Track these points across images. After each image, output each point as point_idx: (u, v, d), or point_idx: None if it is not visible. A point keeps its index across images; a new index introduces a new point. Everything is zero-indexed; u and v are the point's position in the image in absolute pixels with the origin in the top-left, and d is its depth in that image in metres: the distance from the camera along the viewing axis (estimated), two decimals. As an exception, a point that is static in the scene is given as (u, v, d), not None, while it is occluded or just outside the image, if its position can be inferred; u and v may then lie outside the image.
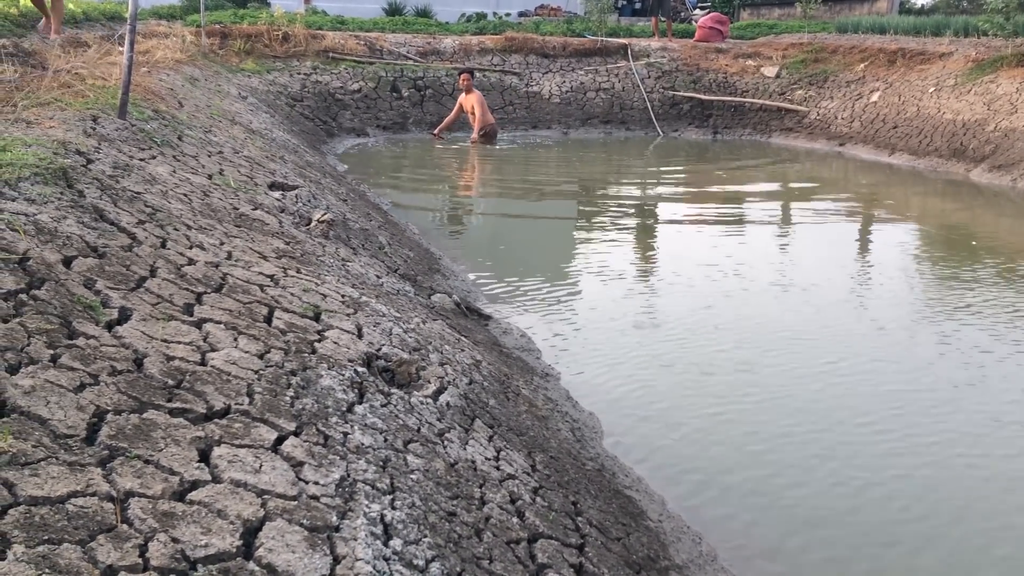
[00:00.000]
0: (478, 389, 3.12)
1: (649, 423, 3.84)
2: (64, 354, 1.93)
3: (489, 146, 11.75)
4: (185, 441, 1.81)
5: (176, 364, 2.12)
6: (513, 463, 2.63)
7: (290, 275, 3.23)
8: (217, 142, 5.62)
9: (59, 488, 1.52)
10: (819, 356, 4.62)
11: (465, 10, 19.92)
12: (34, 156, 3.07)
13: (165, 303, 2.46)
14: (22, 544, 1.36)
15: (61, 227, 2.57)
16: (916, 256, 7.20)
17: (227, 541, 1.55)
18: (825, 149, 12.54)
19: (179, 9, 15.93)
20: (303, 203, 4.96)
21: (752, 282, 5.93)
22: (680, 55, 15.05)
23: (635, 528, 2.79)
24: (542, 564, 2.12)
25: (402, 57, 13.79)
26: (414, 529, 1.87)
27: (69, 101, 4.48)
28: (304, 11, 16.76)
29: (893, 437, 3.75)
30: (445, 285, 5.24)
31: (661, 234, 7.90)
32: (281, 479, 1.81)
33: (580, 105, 14.05)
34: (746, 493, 3.29)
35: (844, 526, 3.09)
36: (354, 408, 2.33)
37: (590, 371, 4.35)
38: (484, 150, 11.66)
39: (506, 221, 8.34)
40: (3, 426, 1.60)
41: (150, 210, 3.22)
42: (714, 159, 12.02)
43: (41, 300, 2.10)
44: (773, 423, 3.85)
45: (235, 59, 12.16)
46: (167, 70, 7.88)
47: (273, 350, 2.44)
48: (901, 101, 12.28)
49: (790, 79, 14.26)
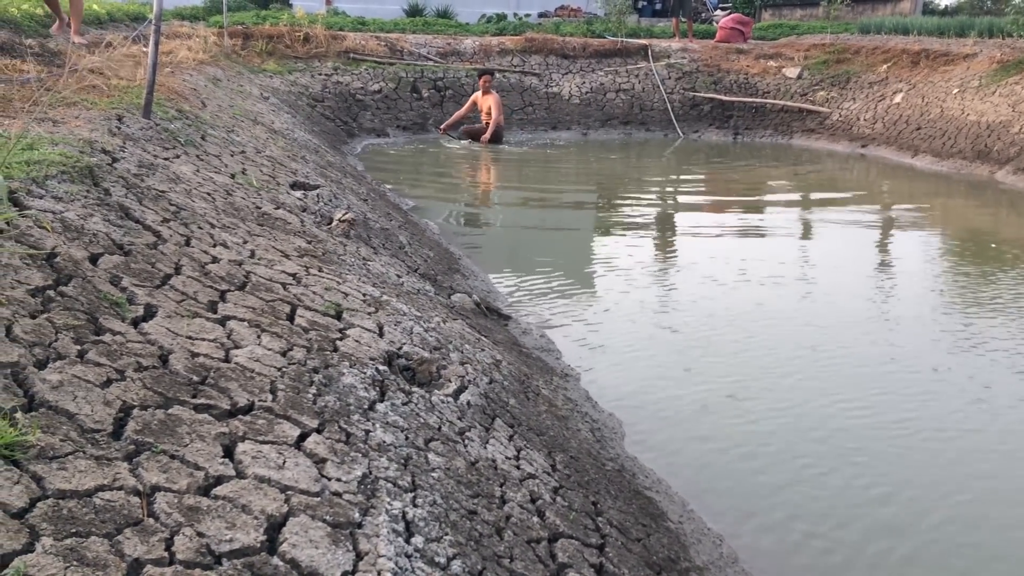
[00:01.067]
0: (498, 388, 3.13)
1: (669, 424, 3.82)
2: (91, 350, 1.95)
3: (498, 146, 11.74)
4: (210, 437, 1.82)
5: (201, 360, 2.14)
6: (533, 462, 2.63)
7: (312, 274, 3.25)
8: (240, 142, 5.66)
9: (86, 482, 1.53)
10: (843, 360, 4.59)
11: (485, 11, 19.95)
12: (61, 155, 3.10)
13: (190, 300, 2.48)
14: (50, 537, 1.38)
15: (88, 225, 2.60)
16: (947, 260, 7.14)
17: (251, 536, 1.57)
18: (847, 151, 12.45)
19: (202, 10, 16.06)
20: (324, 202, 4.99)
21: (775, 284, 5.90)
22: (701, 56, 14.99)
23: (655, 529, 2.78)
24: (562, 563, 2.12)
25: (422, 58, 13.83)
26: (435, 527, 1.87)
27: (95, 101, 4.53)
28: (325, 12, 16.86)
29: (916, 440, 3.72)
30: (465, 285, 5.24)
31: (683, 235, 7.87)
32: (304, 475, 1.82)
33: (600, 106, 14.02)
34: (767, 495, 3.27)
35: (869, 531, 3.07)
36: (375, 406, 2.34)
37: (610, 372, 4.35)
38: (501, 151, 11.66)
39: (526, 221, 8.35)
40: (32, 420, 1.62)
41: (174, 208, 3.25)
42: (735, 160, 11.97)
43: (68, 296, 2.12)
44: (795, 426, 3.83)
45: (257, 60, 12.25)
46: (190, 70, 7.95)
47: (296, 348, 2.46)
48: (925, 102, 12.18)
49: (812, 80, 14.17)
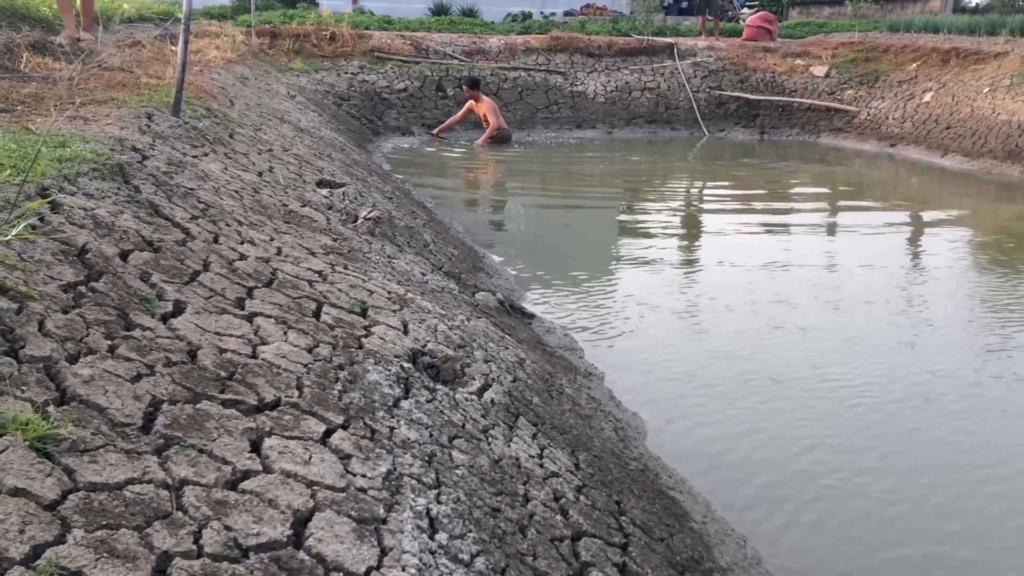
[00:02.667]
0: (522, 387, 3.13)
1: (693, 424, 3.81)
2: (121, 345, 1.98)
3: (506, 147, 11.73)
4: (237, 432, 1.84)
5: (228, 356, 2.16)
6: (557, 461, 2.63)
7: (337, 271, 3.27)
8: (267, 140, 5.71)
9: (117, 475, 1.56)
10: (878, 362, 4.54)
11: (511, 9, 19.94)
12: (92, 152, 3.15)
13: (218, 297, 2.50)
14: (81, 528, 1.40)
15: (118, 221, 2.64)
16: (980, 262, 7.05)
17: (278, 530, 1.58)
18: (875, 150, 12.33)
19: (230, 9, 16.18)
20: (350, 200, 5.02)
21: (802, 284, 5.86)
22: (727, 54, 14.90)
23: (679, 529, 2.78)
24: (586, 562, 2.12)
25: (447, 56, 13.85)
26: (459, 524, 1.88)
27: (125, 99, 4.59)
28: (351, 11, 16.93)
29: (943, 445, 3.68)
30: (489, 283, 5.25)
31: (709, 236, 7.83)
32: (330, 471, 1.83)
33: (625, 105, 13.98)
34: (791, 496, 3.25)
35: (898, 535, 3.04)
36: (400, 403, 2.36)
37: (633, 371, 4.34)
38: (526, 152, 11.67)
39: (550, 220, 8.34)
40: (64, 414, 1.65)
41: (203, 206, 3.28)
42: (761, 158, 11.89)
43: (99, 292, 2.15)
44: (820, 427, 3.80)
45: (284, 58, 12.33)
46: (218, 69, 8.02)
47: (321, 344, 2.48)
48: (955, 101, 12.03)
49: (840, 79, 14.04)
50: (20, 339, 1.80)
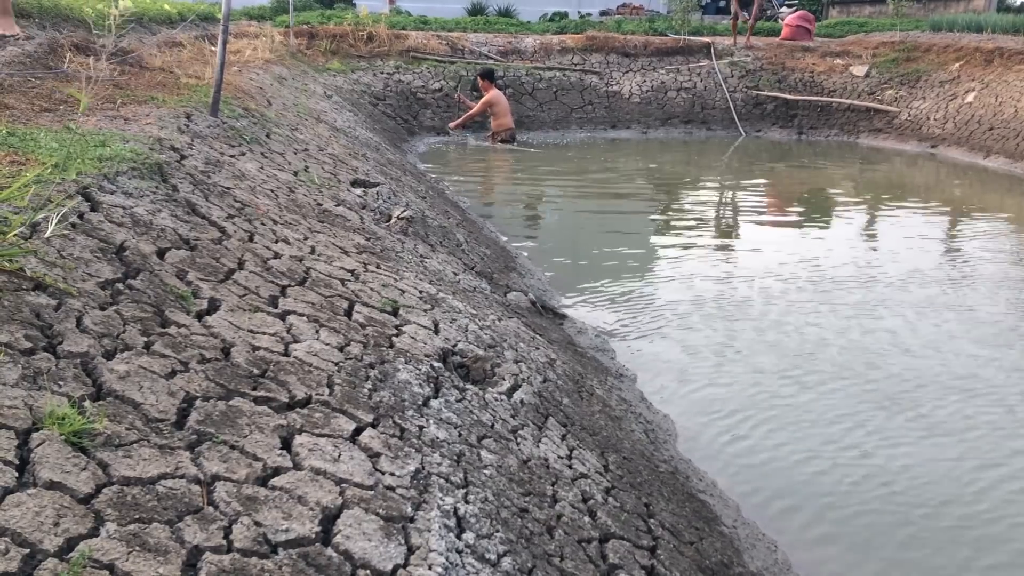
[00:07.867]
0: (552, 388, 3.13)
1: (725, 427, 3.78)
2: (157, 341, 2.01)
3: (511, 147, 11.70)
4: (268, 428, 1.87)
5: (261, 354, 2.19)
6: (586, 462, 2.63)
7: (370, 270, 3.30)
8: (303, 140, 5.77)
9: (150, 469, 1.59)
10: (914, 368, 4.47)
11: (547, 9, 19.94)
12: (131, 151, 3.20)
13: (252, 295, 2.54)
14: (114, 522, 1.43)
15: (156, 220, 2.68)
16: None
17: (307, 527, 1.60)
18: (916, 150, 12.13)
19: (268, 10, 16.38)
20: (384, 200, 5.05)
21: (841, 289, 5.78)
22: (765, 54, 14.75)
23: (708, 533, 2.76)
24: (613, 564, 2.12)
25: (483, 56, 13.88)
26: (486, 523, 1.89)
27: (164, 99, 4.66)
28: (388, 11, 17.05)
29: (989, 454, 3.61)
30: (521, 283, 5.26)
31: (744, 238, 7.76)
32: (359, 469, 1.85)
33: (660, 104, 13.90)
34: (824, 503, 3.21)
35: (931, 544, 2.99)
36: (430, 402, 2.37)
37: (665, 373, 4.31)
38: (558, 152, 11.65)
39: (583, 221, 8.32)
40: (99, 409, 1.68)
41: (239, 205, 3.32)
42: (801, 157, 11.75)
43: (136, 289, 2.19)
44: (857, 434, 3.75)
45: (321, 59, 12.44)
46: (256, 69, 8.12)
47: (353, 343, 2.50)
48: (998, 102, 11.79)
49: (880, 79, 13.83)
50: (58, 335, 1.84)
